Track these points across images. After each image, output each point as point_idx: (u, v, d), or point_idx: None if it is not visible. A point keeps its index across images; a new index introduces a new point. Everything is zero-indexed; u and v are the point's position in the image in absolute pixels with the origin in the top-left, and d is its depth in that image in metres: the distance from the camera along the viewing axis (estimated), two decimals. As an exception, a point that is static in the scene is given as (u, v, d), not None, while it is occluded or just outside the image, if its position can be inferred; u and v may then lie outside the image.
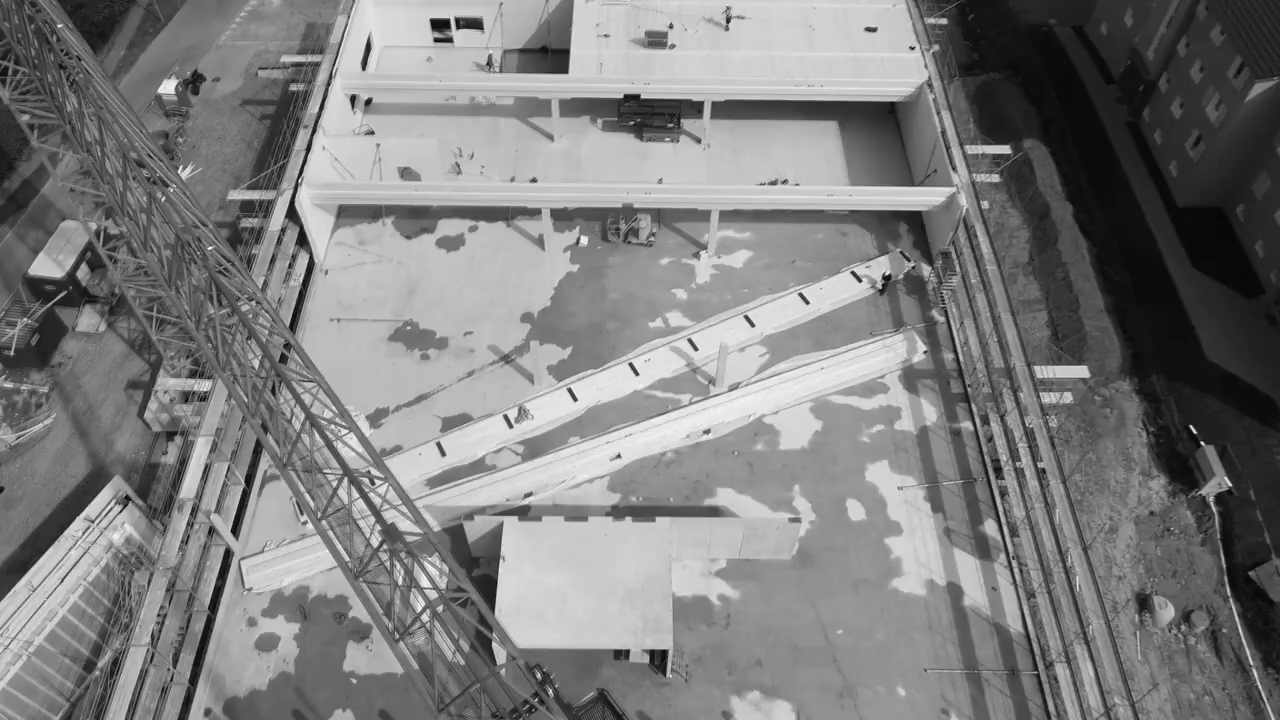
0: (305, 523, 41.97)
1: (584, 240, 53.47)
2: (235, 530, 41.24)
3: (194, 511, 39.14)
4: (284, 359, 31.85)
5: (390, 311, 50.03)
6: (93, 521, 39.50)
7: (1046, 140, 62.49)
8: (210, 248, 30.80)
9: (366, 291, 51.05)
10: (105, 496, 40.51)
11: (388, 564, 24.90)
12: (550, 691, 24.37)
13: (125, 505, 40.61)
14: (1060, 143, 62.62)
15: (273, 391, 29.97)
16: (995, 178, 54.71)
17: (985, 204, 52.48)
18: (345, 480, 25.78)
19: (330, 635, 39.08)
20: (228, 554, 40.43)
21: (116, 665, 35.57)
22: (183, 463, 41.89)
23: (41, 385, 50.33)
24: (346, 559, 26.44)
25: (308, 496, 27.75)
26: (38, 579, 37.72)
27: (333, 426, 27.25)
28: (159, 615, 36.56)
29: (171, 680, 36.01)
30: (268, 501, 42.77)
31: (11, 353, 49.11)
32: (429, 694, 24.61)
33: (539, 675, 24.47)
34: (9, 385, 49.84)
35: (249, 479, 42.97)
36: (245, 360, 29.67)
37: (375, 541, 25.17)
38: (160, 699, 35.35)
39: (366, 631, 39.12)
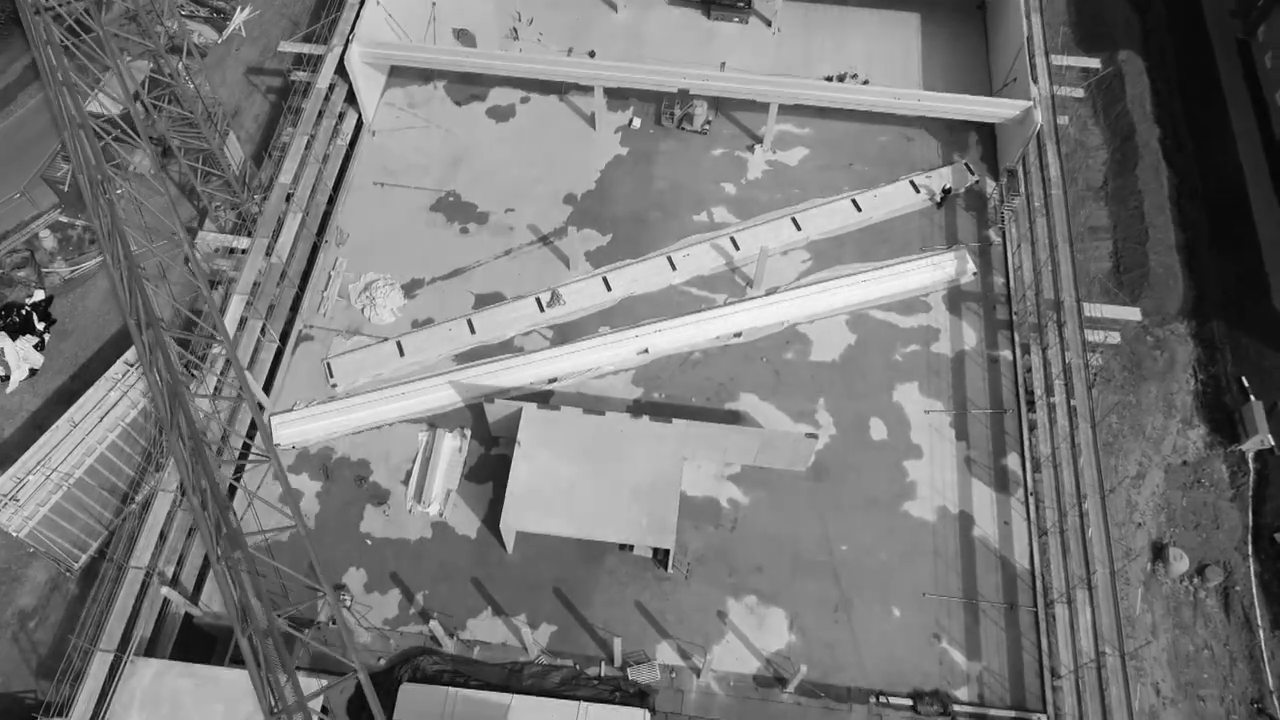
0: (335, 385, 43.05)
1: (636, 122, 51.76)
2: (267, 388, 42.47)
3: (227, 365, 40.23)
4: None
5: (434, 181, 49.49)
6: (132, 365, 40.87)
7: (1145, 53, 57.85)
8: (120, 190, 30.79)
9: (412, 157, 50.42)
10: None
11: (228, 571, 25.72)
12: None
13: (164, 352, 41.78)
14: (1159, 58, 57.94)
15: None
16: (1079, 92, 51.12)
17: (1064, 119, 49.34)
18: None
19: (350, 496, 40.56)
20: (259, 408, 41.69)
21: (148, 505, 37.52)
22: (219, 315, 42.79)
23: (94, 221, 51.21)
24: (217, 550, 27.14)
25: (189, 471, 28.31)
26: (79, 416, 39.49)
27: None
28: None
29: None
30: (300, 361, 43.77)
31: (65, 188, 49.86)
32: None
33: None
34: (64, 220, 50.87)
35: (283, 337, 43.93)
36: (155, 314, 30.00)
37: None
38: (185, 541, 37.39)
39: (385, 497, 40.52)
